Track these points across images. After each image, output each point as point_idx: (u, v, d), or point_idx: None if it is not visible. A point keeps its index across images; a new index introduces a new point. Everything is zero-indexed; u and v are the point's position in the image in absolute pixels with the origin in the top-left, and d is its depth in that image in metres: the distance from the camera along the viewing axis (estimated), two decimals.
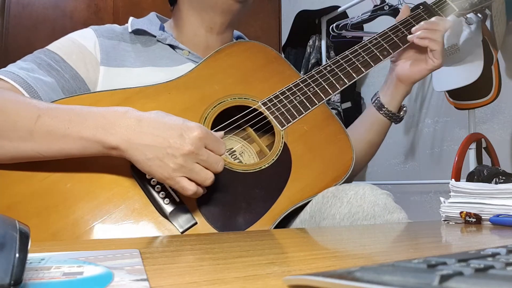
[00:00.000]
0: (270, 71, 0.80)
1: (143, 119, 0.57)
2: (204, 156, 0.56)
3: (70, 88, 0.73)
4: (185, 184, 0.56)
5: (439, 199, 0.70)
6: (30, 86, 0.66)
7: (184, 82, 0.73)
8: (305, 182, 0.70)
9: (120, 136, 0.56)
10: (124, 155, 0.57)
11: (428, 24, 0.84)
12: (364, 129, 0.90)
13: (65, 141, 0.57)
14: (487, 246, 0.29)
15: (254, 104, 0.74)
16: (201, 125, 0.58)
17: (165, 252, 0.38)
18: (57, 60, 0.74)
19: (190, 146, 0.55)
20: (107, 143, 0.56)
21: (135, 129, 0.56)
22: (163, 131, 0.56)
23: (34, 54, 0.74)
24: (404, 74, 0.87)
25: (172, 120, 0.57)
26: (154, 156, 0.55)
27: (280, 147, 0.72)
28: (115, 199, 0.60)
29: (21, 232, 0.23)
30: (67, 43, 0.77)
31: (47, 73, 0.71)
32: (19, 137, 0.57)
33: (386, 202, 0.63)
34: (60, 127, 0.57)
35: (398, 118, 0.90)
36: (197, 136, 0.56)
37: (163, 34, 0.82)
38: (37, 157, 0.58)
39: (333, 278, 0.21)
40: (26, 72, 0.68)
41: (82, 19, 2.27)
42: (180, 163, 0.55)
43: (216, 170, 0.58)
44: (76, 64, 0.75)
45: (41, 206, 0.58)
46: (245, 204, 0.65)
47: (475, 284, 0.18)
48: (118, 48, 0.79)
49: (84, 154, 0.58)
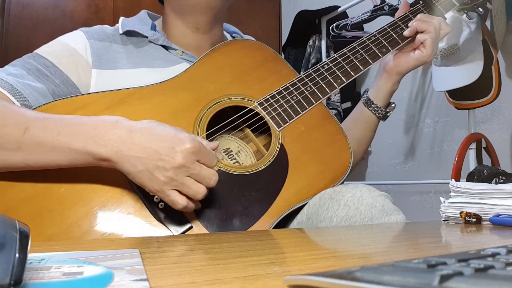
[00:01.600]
0: (267, 70, 0.78)
1: (134, 129, 0.56)
2: (196, 170, 0.55)
3: (60, 93, 0.71)
4: (175, 198, 0.55)
5: (439, 199, 0.70)
6: (19, 92, 0.65)
7: (179, 83, 0.72)
8: (302, 184, 0.69)
9: (111, 148, 0.55)
10: (115, 167, 0.56)
11: (422, 16, 0.83)
12: (351, 125, 0.89)
13: (54, 153, 0.56)
14: (487, 246, 0.29)
15: (250, 104, 0.73)
16: (194, 137, 0.57)
17: (165, 252, 0.38)
18: (47, 65, 0.72)
19: (181, 160, 0.54)
20: (97, 154, 0.55)
21: (126, 140, 0.55)
22: (155, 143, 0.55)
23: (23, 59, 0.72)
24: (390, 64, 0.85)
25: (165, 131, 0.56)
26: (144, 168, 0.54)
27: (277, 148, 0.71)
28: (110, 203, 0.59)
29: (21, 232, 0.23)
30: (57, 46, 0.75)
31: (37, 79, 0.69)
32: (7, 149, 0.56)
33: (383, 204, 0.62)
34: (49, 138, 0.56)
35: (383, 113, 0.87)
36: (189, 150, 0.55)
37: (155, 34, 0.80)
38: (25, 167, 0.57)
39: (333, 278, 0.21)
40: (14, 78, 0.67)
41: (82, 19, 2.26)
42: (171, 176, 0.54)
43: (208, 185, 0.57)
44: (67, 68, 0.73)
45: (35, 211, 0.57)
46: (242, 207, 0.64)
47: (475, 284, 0.18)
48: (110, 50, 0.77)
49: (74, 165, 0.57)
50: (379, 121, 0.89)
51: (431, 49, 0.81)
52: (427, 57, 0.82)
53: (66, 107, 0.65)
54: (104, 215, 0.58)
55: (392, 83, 0.86)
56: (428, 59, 0.82)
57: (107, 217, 0.58)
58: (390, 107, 0.88)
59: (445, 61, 1.45)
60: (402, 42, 0.83)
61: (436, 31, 0.82)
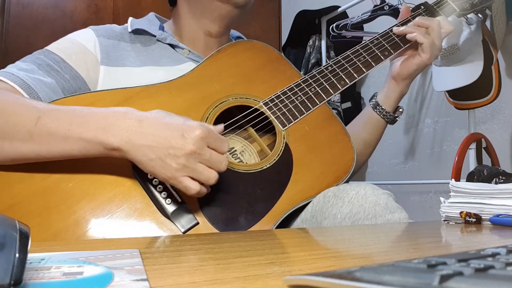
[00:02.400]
0: (272, 70, 0.80)
1: (144, 119, 0.57)
2: (207, 155, 0.56)
3: (70, 88, 0.73)
4: (188, 184, 0.56)
5: (439, 199, 0.70)
6: (30, 87, 0.66)
7: (186, 82, 0.73)
8: (306, 183, 0.70)
9: (121, 137, 0.56)
10: (126, 156, 0.57)
11: (421, 19, 0.84)
12: (359, 127, 0.90)
13: (66, 143, 0.57)
14: (487, 246, 0.29)
15: (255, 104, 0.75)
16: (202, 124, 0.58)
17: (165, 252, 0.38)
18: (57, 61, 0.73)
19: (192, 146, 0.55)
20: (108, 144, 0.56)
21: (136, 130, 0.56)
22: (165, 131, 0.56)
23: (34, 55, 0.74)
24: (395, 71, 0.87)
25: (173, 119, 0.57)
26: (156, 157, 0.55)
27: (282, 147, 0.72)
28: (117, 199, 0.60)
29: (21, 232, 0.23)
30: (67, 43, 0.77)
31: (47, 74, 0.71)
32: (19, 139, 0.57)
33: (387, 202, 0.63)
34: (61, 128, 0.57)
35: (391, 118, 0.88)
36: (199, 136, 0.56)
37: (163, 33, 0.82)
38: (37, 158, 0.58)
39: (333, 278, 0.21)
40: (25, 73, 0.68)
41: (82, 19, 2.26)
42: (183, 163, 0.55)
43: (219, 169, 0.58)
44: (76, 64, 0.75)
45: (42, 206, 0.58)
46: (247, 204, 0.65)
47: (475, 284, 0.18)
48: (118, 47, 0.79)
49: (85, 155, 0.58)
50: (387, 125, 0.90)
51: (429, 53, 0.82)
52: (425, 61, 0.83)
53: (75, 104, 0.66)
54: (111, 211, 0.59)
55: (400, 89, 0.87)
56: (428, 62, 0.83)
57: (114, 212, 0.59)
58: (398, 112, 0.89)
59: (445, 61, 1.45)
60: (404, 45, 0.84)
61: (435, 33, 0.82)
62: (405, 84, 0.87)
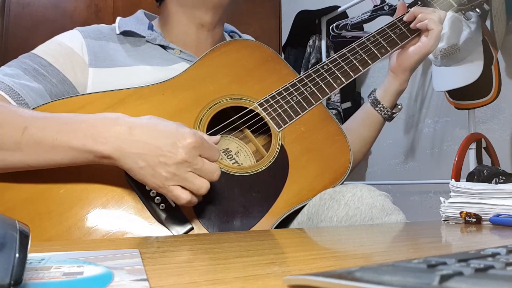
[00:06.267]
0: (267, 70, 0.78)
1: (134, 126, 0.55)
2: (198, 165, 0.55)
3: (58, 93, 0.71)
4: (178, 193, 0.55)
5: (439, 199, 0.70)
6: (16, 93, 0.64)
7: (179, 83, 0.72)
8: (302, 185, 0.69)
9: (112, 145, 0.54)
10: (116, 164, 0.55)
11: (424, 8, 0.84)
12: (357, 124, 0.89)
13: (54, 152, 0.55)
14: (487, 246, 0.29)
15: (250, 105, 0.73)
16: (195, 132, 0.56)
17: (165, 252, 0.38)
18: (44, 65, 0.71)
19: (183, 155, 0.54)
20: (98, 152, 0.54)
21: (126, 137, 0.54)
22: (156, 138, 0.54)
23: (19, 59, 0.71)
24: (394, 64, 0.86)
25: (165, 126, 0.56)
26: (146, 165, 0.54)
27: (277, 149, 0.71)
28: (110, 204, 0.59)
29: (21, 232, 0.23)
30: (53, 46, 0.74)
31: (34, 79, 0.69)
32: (6, 149, 0.55)
33: (384, 203, 0.62)
34: (48, 138, 0.55)
35: (389, 114, 0.87)
36: (191, 144, 0.54)
37: (153, 34, 0.80)
38: (26, 168, 0.57)
39: (333, 278, 0.21)
40: (11, 79, 0.66)
41: (82, 19, 2.26)
42: (173, 172, 0.54)
43: (211, 179, 0.56)
44: (64, 68, 0.72)
45: (34, 212, 0.57)
46: (242, 208, 0.63)
47: (475, 284, 0.18)
48: (107, 48, 0.77)
49: (75, 163, 0.57)
50: (384, 122, 0.89)
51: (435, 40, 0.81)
52: (428, 48, 0.81)
53: (65, 107, 0.65)
54: (104, 217, 0.58)
55: (400, 82, 0.86)
56: (430, 50, 0.82)
57: (107, 218, 0.58)
58: (397, 108, 0.88)
59: (445, 61, 1.45)
60: (401, 42, 0.84)
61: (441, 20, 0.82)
62: (405, 77, 0.86)
